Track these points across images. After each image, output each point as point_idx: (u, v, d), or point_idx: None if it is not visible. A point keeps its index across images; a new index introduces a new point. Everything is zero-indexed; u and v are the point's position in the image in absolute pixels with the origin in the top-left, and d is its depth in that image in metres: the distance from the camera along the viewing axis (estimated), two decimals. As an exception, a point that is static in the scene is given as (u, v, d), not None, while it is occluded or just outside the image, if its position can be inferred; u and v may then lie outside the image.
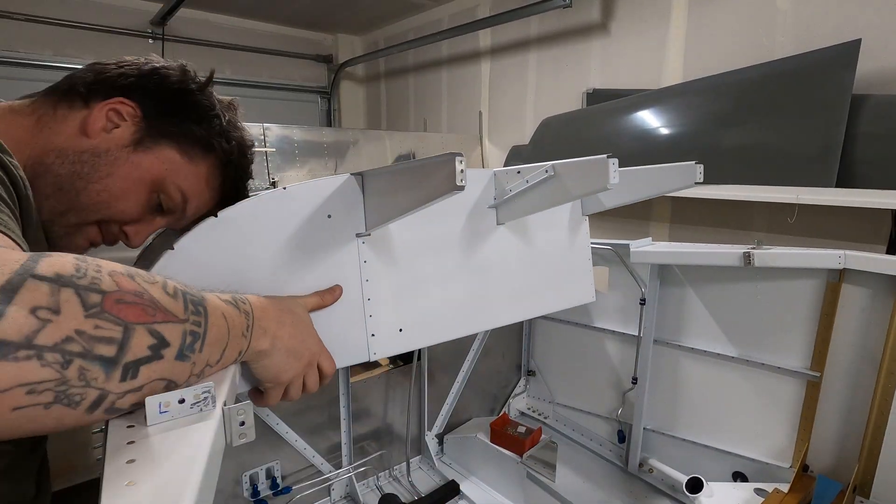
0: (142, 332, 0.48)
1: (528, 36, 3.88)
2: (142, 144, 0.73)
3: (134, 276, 0.51)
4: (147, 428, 0.52)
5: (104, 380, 0.46)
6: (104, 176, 0.71)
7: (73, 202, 0.70)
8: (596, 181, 0.90)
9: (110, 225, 0.75)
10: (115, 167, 0.71)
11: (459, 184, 0.69)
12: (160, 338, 0.50)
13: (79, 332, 0.43)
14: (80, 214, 0.71)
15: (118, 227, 0.76)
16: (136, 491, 0.43)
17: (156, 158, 0.74)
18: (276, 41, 5.29)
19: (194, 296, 0.57)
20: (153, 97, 0.75)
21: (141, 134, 0.73)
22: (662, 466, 1.75)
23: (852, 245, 2.27)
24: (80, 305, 0.44)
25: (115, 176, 0.72)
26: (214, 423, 0.54)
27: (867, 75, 2.26)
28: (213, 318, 0.58)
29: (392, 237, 1.02)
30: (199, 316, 0.56)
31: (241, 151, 0.84)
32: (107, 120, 0.71)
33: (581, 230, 1.38)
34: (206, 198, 0.83)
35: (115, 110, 0.72)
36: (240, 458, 1.51)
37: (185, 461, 0.48)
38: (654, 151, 2.77)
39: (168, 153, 0.75)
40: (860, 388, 1.40)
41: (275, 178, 3.23)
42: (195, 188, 0.80)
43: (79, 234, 0.73)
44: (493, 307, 1.19)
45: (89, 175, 0.70)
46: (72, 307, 0.43)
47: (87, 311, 0.44)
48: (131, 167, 0.73)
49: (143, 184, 0.74)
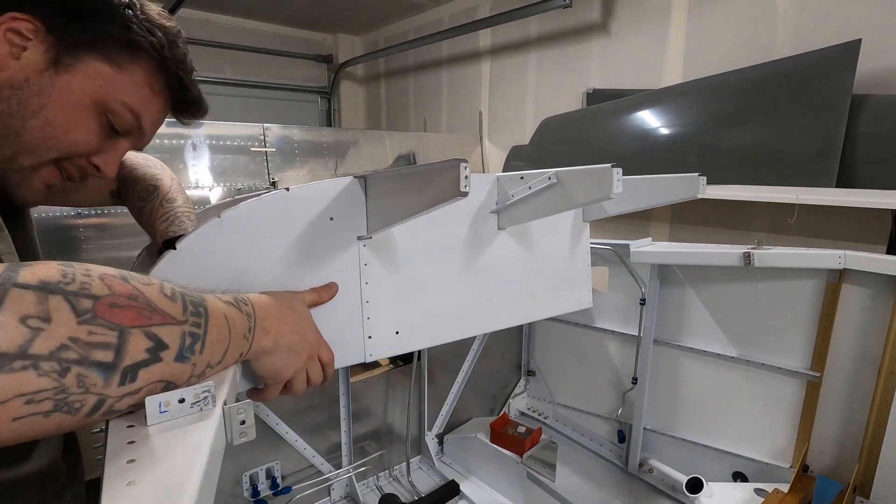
0: (138, 336, 0.48)
1: (528, 36, 3.88)
2: (60, 64, 0.63)
3: (128, 278, 0.50)
4: (147, 428, 0.52)
5: (103, 385, 0.45)
6: (38, 109, 0.63)
7: (17, 144, 0.63)
8: (599, 190, 0.90)
9: (72, 160, 0.69)
10: (44, 97, 0.63)
11: (464, 190, 0.69)
12: (157, 340, 0.50)
13: (73, 339, 0.43)
14: (32, 155, 0.65)
15: (84, 159, 0.70)
16: (137, 491, 0.43)
17: (83, 76, 0.65)
18: (276, 41, 5.29)
19: (194, 297, 0.56)
20: (48, 4, 0.63)
21: (54, 51, 0.63)
22: (662, 466, 1.75)
23: (852, 245, 2.27)
24: (72, 312, 0.43)
25: (50, 106, 0.64)
26: (215, 422, 0.54)
27: (867, 75, 2.26)
28: (214, 320, 0.57)
29: (393, 241, 1.03)
30: (199, 317, 0.55)
31: (170, 41, 0.73)
32: (8, 44, 0.61)
33: (582, 236, 1.38)
34: (156, 106, 0.74)
35: (13, 29, 0.61)
36: (240, 458, 1.51)
37: (185, 461, 0.48)
38: (655, 151, 2.77)
39: (93, 66, 0.66)
40: (860, 388, 1.41)
41: (275, 178, 3.23)
42: (140, 98, 0.71)
43: (34, 176, 0.67)
44: (490, 311, 1.19)
45: (20, 112, 0.62)
46: (63, 314, 0.43)
47: (80, 317, 0.44)
48: (62, 93, 0.64)
49: (83, 108, 0.66)
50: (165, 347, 0.50)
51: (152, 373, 0.49)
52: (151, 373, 0.49)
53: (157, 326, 0.49)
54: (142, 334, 0.48)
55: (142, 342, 0.48)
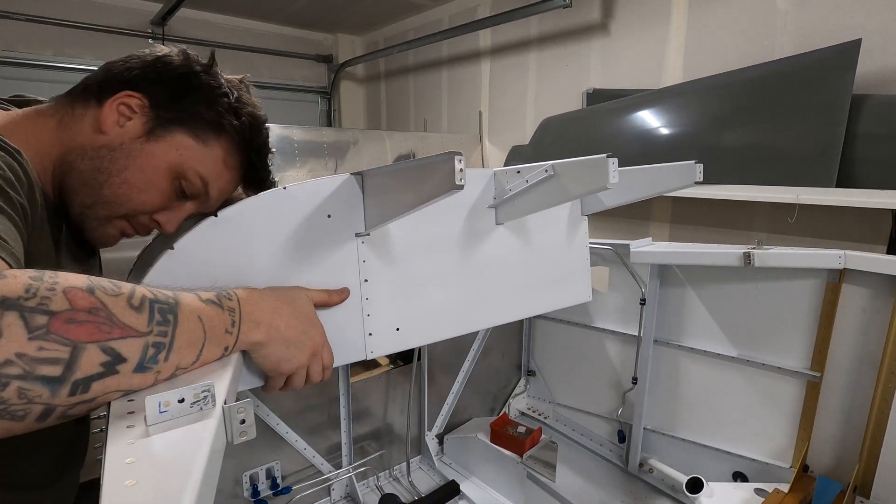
0: (93, 351, 0.49)
1: (528, 36, 3.88)
2: (153, 134, 0.75)
3: (94, 289, 0.51)
4: (147, 427, 0.52)
5: (49, 396, 0.47)
6: (122, 169, 0.73)
7: (98, 195, 0.73)
8: (595, 181, 0.90)
9: (139, 216, 0.78)
10: (130, 159, 0.73)
11: (459, 183, 0.69)
12: (115, 354, 0.51)
13: (20, 354, 0.45)
14: (107, 207, 0.74)
15: (148, 217, 0.78)
16: (136, 491, 0.43)
17: (168, 146, 0.75)
18: (276, 41, 5.29)
19: (164, 303, 0.57)
20: (159, 86, 0.76)
21: (152, 124, 0.75)
22: (662, 466, 1.75)
23: (852, 245, 2.27)
24: (24, 328, 0.45)
25: (133, 168, 0.74)
26: (214, 421, 0.54)
27: (867, 75, 2.26)
28: (185, 325, 0.59)
29: (391, 237, 1.02)
30: (167, 325, 0.56)
31: (253, 127, 0.84)
32: (118, 114, 0.74)
33: (580, 230, 1.38)
34: (226, 178, 0.83)
35: (125, 104, 0.74)
36: (240, 458, 1.51)
37: (185, 460, 0.48)
38: (655, 151, 2.77)
39: (180, 139, 0.76)
40: (860, 388, 1.40)
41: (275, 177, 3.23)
42: (213, 170, 0.80)
43: (108, 226, 0.76)
44: (490, 306, 1.19)
45: (108, 169, 0.73)
46: (14, 330, 0.45)
47: (31, 333, 0.45)
48: (147, 157, 0.74)
49: (160, 172, 0.75)
50: (123, 360, 0.52)
51: (107, 384, 0.51)
52: (106, 384, 0.51)
53: (115, 340, 0.51)
54: (97, 349, 0.50)
55: (96, 356, 0.50)
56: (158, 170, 0.75)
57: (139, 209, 0.76)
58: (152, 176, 0.75)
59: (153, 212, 0.78)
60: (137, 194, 0.75)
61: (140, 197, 0.75)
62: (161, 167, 0.75)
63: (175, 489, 0.43)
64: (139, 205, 0.76)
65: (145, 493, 0.43)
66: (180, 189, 0.78)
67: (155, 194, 0.76)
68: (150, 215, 0.78)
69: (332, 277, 0.95)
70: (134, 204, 0.75)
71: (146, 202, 0.76)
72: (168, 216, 0.80)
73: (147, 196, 0.76)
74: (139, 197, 0.75)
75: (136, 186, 0.74)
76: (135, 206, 0.76)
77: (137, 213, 0.77)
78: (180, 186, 0.78)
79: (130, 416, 0.53)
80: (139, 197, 0.75)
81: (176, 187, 0.78)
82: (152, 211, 0.78)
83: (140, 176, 0.74)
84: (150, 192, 0.76)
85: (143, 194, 0.75)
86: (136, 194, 0.75)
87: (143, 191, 0.75)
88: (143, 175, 0.74)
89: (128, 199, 0.74)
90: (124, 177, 0.73)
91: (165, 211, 0.79)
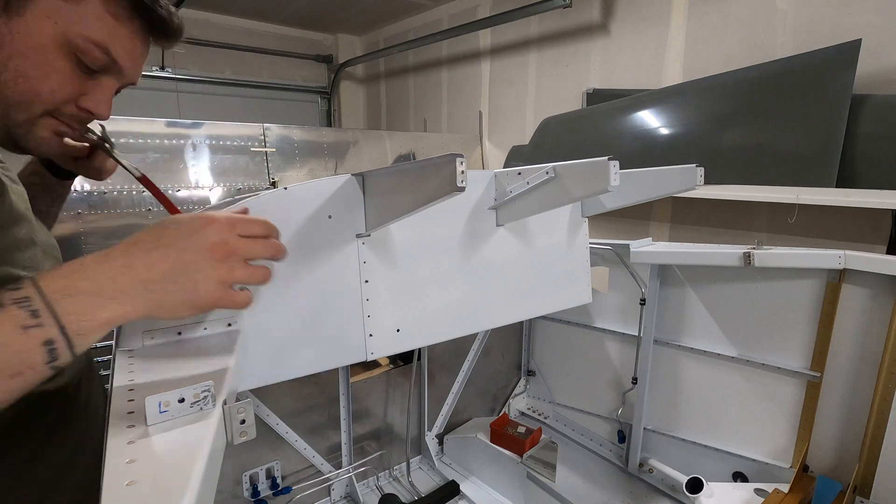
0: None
1: (528, 36, 3.88)
2: (11, 6, 0.61)
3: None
4: (147, 427, 0.52)
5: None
6: (5, 62, 0.61)
7: (1, 99, 0.63)
8: (596, 183, 0.90)
9: (61, 108, 0.67)
10: (5, 48, 0.61)
11: (460, 185, 0.69)
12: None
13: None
14: (20, 109, 0.64)
15: (72, 105, 0.68)
16: (136, 491, 0.43)
17: (36, 18, 0.62)
18: (276, 41, 5.29)
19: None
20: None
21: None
22: (662, 466, 1.75)
23: (852, 245, 2.27)
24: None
25: (14, 56, 0.62)
26: (214, 421, 0.54)
27: (867, 75, 2.26)
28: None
29: (392, 238, 1.03)
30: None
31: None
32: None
33: (580, 232, 1.38)
34: (125, 34, 0.69)
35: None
36: (240, 458, 1.51)
37: (185, 460, 0.48)
38: (655, 151, 2.77)
39: (45, 4, 0.62)
40: (860, 388, 1.40)
41: (275, 178, 3.23)
42: (103, 29, 0.66)
43: (37, 127, 0.67)
44: (490, 308, 1.19)
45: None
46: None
47: None
48: (22, 39, 0.62)
49: (46, 51, 0.63)
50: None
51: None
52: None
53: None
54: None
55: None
56: (43, 49, 0.63)
57: (53, 99, 0.65)
58: (41, 58, 0.63)
59: (71, 99, 0.67)
60: (38, 84, 0.63)
61: (43, 85, 0.64)
62: (44, 45, 0.63)
63: (175, 489, 0.43)
64: (49, 94, 0.65)
65: (145, 493, 0.43)
66: (81, 64, 0.66)
67: (57, 78, 0.64)
68: (74, 104, 0.68)
69: (332, 278, 0.95)
70: (44, 96, 0.64)
71: (54, 89, 0.65)
72: (93, 99, 0.68)
73: (50, 82, 0.64)
74: (42, 86, 0.64)
75: (31, 75, 0.63)
76: (47, 98, 0.65)
77: (55, 105, 0.66)
78: (79, 60, 0.65)
79: (130, 416, 0.53)
80: (42, 86, 0.64)
81: (76, 62, 0.65)
82: (70, 98, 0.67)
83: (29, 64, 0.62)
84: (50, 76, 0.64)
85: (45, 81, 0.64)
86: (36, 84, 0.63)
87: (42, 77, 0.63)
88: (32, 61, 0.62)
89: (33, 92, 0.63)
90: (13, 69, 0.62)
91: (86, 95, 0.68)
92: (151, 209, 2.57)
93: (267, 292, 0.90)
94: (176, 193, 2.76)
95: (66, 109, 0.67)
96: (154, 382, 0.62)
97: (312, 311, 0.94)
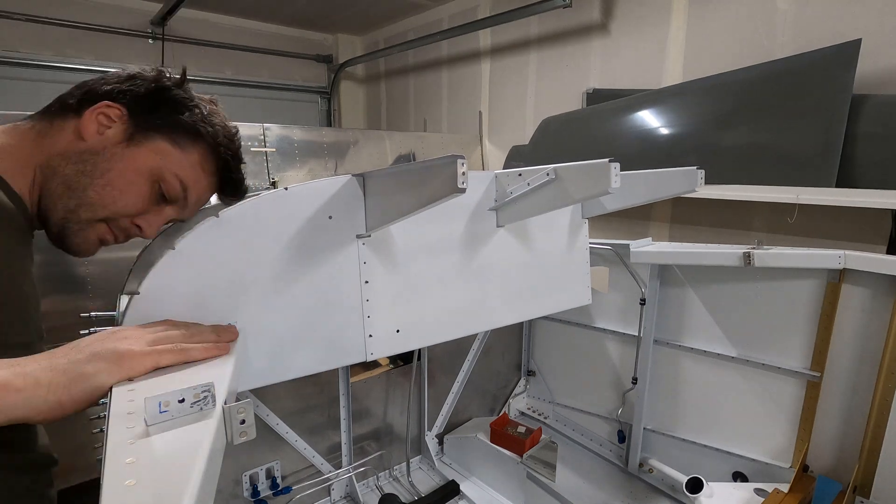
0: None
1: (528, 36, 3.88)
2: (133, 140, 0.79)
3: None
4: (147, 428, 0.52)
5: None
6: (105, 171, 0.77)
7: (82, 198, 0.77)
8: (597, 185, 0.91)
9: (119, 220, 0.81)
10: (112, 163, 0.78)
11: (461, 186, 0.69)
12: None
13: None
14: (90, 210, 0.77)
15: (128, 220, 0.81)
16: (136, 491, 0.43)
17: (148, 150, 0.80)
18: (276, 41, 5.29)
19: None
20: (136, 97, 0.81)
21: (131, 130, 0.79)
22: (662, 466, 1.75)
23: (852, 245, 2.27)
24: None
25: (115, 171, 0.78)
26: (214, 421, 0.54)
27: (867, 75, 2.26)
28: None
29: (392, 238, 1.03)
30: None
31: (226, 135, 0.89)
32: (98, 123, 0.78)
33: (580, 233, 1.38)
34: (204, 183, 0.87)
35: (104, 113, 0.78)
36: (240, 458, 1.51)
37: (185, 460, 0.48)
38: (655, 151, 2.77)
39: (159, 144, 0.80)
40: (860, 388, 1.40)
41: (275, 178, 3.23)
42: (191, 174, 0.84)
43: (90, 230, 0.79)
44: (490, 309, 1.19)
45: (92, 172, 0.77)
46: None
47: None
48: (128, 161, 0.79)
49: (140, 175, 0.79)
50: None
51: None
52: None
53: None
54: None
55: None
56: (139, 172, 0.79)
57: (121, 211, 0.80)
58: (134, 178, 0.79)
59: (134, 215, 0.81)
60: (119, 196, 0.78)
61: (122, 198, 0.79)
62: (142, 170, 0.79)
63: (175, 489, 0.43)
64: (121, 207, 0.79)
65: (145, 493, 0.43)
66: (160, 193, 0.82)
67: (136, 197, 0.80)
68: (131, 219, 0.81)
69: (332, 278, 0.95)
70: (116, 206, 0.79)
71: (128, 204, 0.79)
72: (148, 220, 0.83)
73: (129, 198, 0.79)
74: (121, 198, 0.79)
75: (119, 188, 0.78)
76: (117, 209, 0.79)
77: (119, 216, 0.80)
78: (160, 190, 0.82)
79: (130, 417, 0.53)
80: (121, 198, 0.79)
81: (156, 191, 0.81)
82: (133, 214, 0.81)
83: (122, 179, 0.78)
84: (132, 194, 0.79)
85: (125, 196, 0.79)
86: (118, 195, 0.78)
87: (125, 192, 0.79)
88: (125, 178, 0.78)
89: (111, 200, 0.78)
90: (107, 178, 0.77)
91: (145, 215, 0.82)
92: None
93: (267, 292, 0.90)
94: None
95: (122, 222, 0.81)
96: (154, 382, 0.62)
97: (312, 311, 0.94)
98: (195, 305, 0.82)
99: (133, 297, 0.78)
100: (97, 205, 0.78)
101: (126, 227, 0.82)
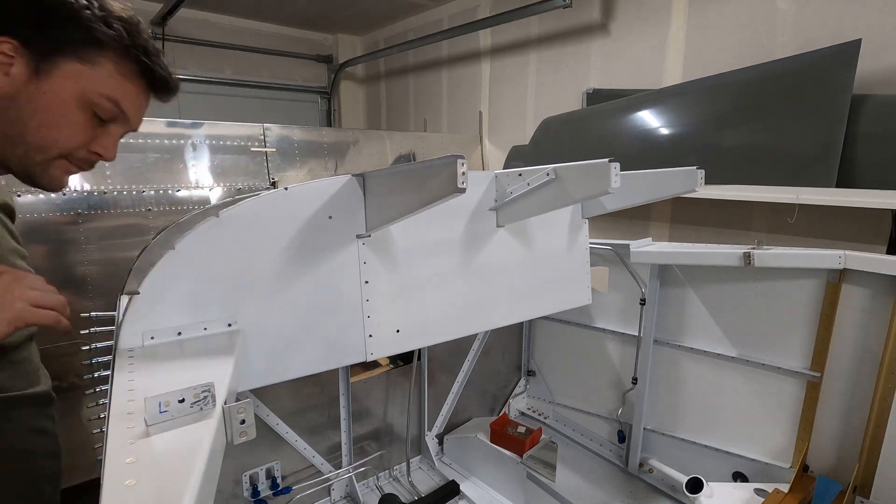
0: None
1: (528, 36, 3.88)
2: (41, 70, 0.74)
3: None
4: (147, 428, 0.52)
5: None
6: (32, 114, 0.74)
7: (24, 143, 0.75)
8: (597, 185, 0.91)
9: (75, 153, 0.79)
10: (34, 103, 0.74)
11: (461, 186, 0.69)
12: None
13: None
14: (40, 152, 0.76)
15: (84, 150, 0.80)
16: (136, 491, 0.43)
17: (61, 78, 0.75)
18: (276, 41, 5.29)
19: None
20: (18, 20, 0.73)
21: (34, 62, 0.74)
22: (662, 466, 1.75)
23: (852, 245, 2.27)
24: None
25: (41, 111, 0.75)
26: (214, 422, 0.54)
27: (867, 75, 2.26)
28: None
29: (392, 239, 1.03)
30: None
31: (129, 31, 0.81)
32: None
33: (581, 233, 1.38)
34: (132, 90, 0.83)
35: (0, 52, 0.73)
36: (240, 459, 1.51)
37: (185, 460, 0.48)
38: (655, 151, 2.77)
39: (68, 67, 0.75)
40: (860, 388, 1.40)
41: (275, 178, 3.23)
42: (114, 87, 0.80)
43: (52, 167, 0.79)
44: (490, 309, 1.19)
45: (19, 117, 0.74)
46: None
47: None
48: (48, 97, 0.75)
49: (68, 108, 0.76)
50: None
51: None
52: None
53: None
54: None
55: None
56: (65, 104, 0.76)
57: (69, 146, 0.78)
58: (63, 112, 0.76)
59: (84, 145, 0.79)
60: (58, 133, 0.76)
61: (62, 135, 0.77)
62: (67, 101, 0.76)
63: (175, 489, 0.43)
64: (66, 142, 0.77)
65: (145, 493, 0.43)
66: (96, 116, 0.79)
67: (75, 128, 0.77)
68: (86, 149, 0.80)
69: (332, 279, 0.95)
70: (62, 143, 0.77)
71: (72, 137, 0.77)
72: (103, 144, 0.81)
73: (68, 132, 0.77)
74: (61, 135, 0.77)
75: (54, 126, 0.76)
76: (64, 145, 0.77)
77: (70, 150, 0.78)
78: (94, 113, 0.79)
79: (130, 416, 0.53)
80: (61, 135, 0.77)
81: (91, 115, 0.78)
82: (83, 144, 0.79)
83: (52, 116, 0.75)
84: (70, 127, 0.77)
85: (64, 131, 0.77)
86: (56, 133, 0.76)
87: (62, 128, 0.76)
88: (55, 114, 0.75)
89: (53, 140, 0.76)
90: (38, 119, 0.75)
91: (97, 140, 0.80)
92: (151, 209, 2.57)
93: (267, 293, 0.90)
94: (176, 193, 2.75)
95: (78, 153, 0.80)
96: (154, 382, 0.62)
97: (312, 311, 0.94)
98: (195, 305, 0.82)
99: (133, 297, 0.78)
100: (43, 146, 0.76)
101: (85, 156, 0.81)
